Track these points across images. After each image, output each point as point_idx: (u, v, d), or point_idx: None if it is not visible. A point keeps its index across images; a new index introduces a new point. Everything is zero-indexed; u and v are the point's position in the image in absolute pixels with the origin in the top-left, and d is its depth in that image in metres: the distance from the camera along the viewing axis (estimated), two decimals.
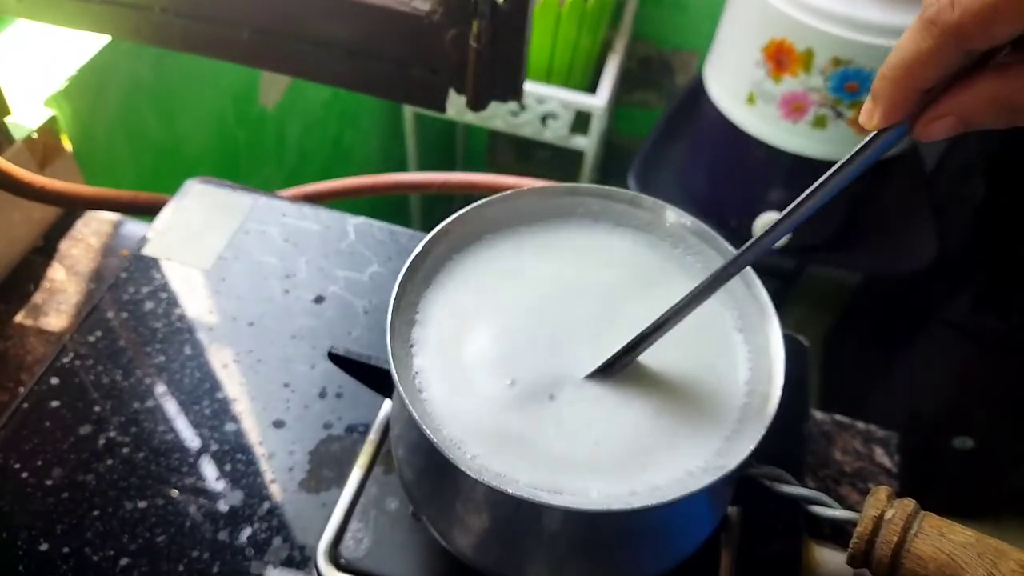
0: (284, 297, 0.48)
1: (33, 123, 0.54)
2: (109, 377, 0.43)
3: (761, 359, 0.31)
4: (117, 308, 0.46)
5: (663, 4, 1.22)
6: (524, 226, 0.35)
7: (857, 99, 0.83)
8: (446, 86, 0.43)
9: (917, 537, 0.25)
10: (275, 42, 0.44)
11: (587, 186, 0.35)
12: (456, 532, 0.31)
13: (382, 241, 0.51)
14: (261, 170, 0.90)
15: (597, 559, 0.30)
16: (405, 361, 0.31)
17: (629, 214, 0.35)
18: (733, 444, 0.29)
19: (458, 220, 0.34)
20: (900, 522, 0.25)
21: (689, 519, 0.31)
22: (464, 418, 0.29)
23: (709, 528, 0.32)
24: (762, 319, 0.31)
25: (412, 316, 0.32)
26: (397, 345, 0.30)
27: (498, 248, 0.35)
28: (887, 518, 0.25)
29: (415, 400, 0.29)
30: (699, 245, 0.34)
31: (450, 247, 0.34)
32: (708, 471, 0.28)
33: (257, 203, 0.52)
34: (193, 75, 0.72)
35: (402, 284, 0.32)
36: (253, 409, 0.43)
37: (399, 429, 0.34)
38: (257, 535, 0.38)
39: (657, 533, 0.31)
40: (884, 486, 0.27)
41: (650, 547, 0.31)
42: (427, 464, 0.31)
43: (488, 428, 0.29)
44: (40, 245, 0.56)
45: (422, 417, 0.28)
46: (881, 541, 0.25)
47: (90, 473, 0.39)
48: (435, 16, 0.39)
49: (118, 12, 0.44)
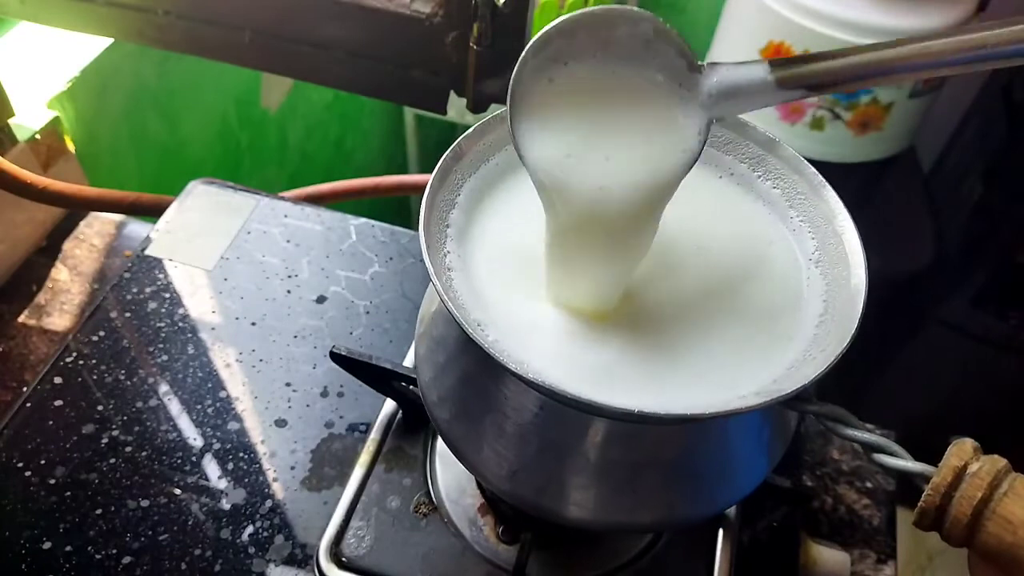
0: (286, 297, 0.48)
1: (36, 124, 0.54)
2: (112, 376, 0.44)
3: (838, 293, 0.27)
4: (120, 308, 0.47)
5: (661, 6, 1.22)
6: None
7: (855, 101, 0.83)
8: (447, 88, 0.43)
9: (1007, 496, 0.21)
10: (277, 44, 0.44)
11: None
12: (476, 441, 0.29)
13: (383, 242, 0.52)
14: (263, 171, 0.91)
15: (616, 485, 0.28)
16: (439, 239, 0.27)
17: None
18: (794, 374, 0.26)
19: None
20: (987, 477, 0.22)
21: (740, 449, 0.29)
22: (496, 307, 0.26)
23: (761, 471, 0.29)
24: (843, 253, 0.28)
25: (453, 198, 0.29)
26: (432, 220, 0.27)
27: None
28: (971, 471, 0.22)
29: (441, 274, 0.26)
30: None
31: (504, 136, 0.30)
32: (760, 395, 0.24)
33: (259, 204, 0.53)
34: (196, 77, 0.72)
35: (447, 160, 0.28)
36: (255, 408, 0.43)
37: (424, 326, 0.31)
38: (259, 533, 0.38)
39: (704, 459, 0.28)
40: (969, 438, 0.23)
41: (694, 477, 0.28)
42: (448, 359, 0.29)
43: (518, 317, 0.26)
44: (43, 245, 0.56)
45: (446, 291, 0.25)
46: (961, 496, 0.22)
47: (93, 472, 0.40)
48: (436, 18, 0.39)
49: (121, 14, 0.45)
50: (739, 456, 0.29)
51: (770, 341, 0.27)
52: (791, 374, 0.26)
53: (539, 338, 0.26)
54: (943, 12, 0.80)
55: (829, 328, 0.27)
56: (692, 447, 0.28)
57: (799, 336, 0.27)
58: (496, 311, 0.26)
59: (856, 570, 0.40)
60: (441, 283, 0.25)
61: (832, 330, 0.26)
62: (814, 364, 0.25)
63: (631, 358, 0.26)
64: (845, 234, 0.28)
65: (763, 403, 0.23)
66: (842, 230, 0.28)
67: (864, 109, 0.84)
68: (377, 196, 0.59)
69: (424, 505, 0.38)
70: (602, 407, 0.23)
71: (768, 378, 0.26)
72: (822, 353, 0.25)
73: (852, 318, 0.26)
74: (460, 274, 0.27)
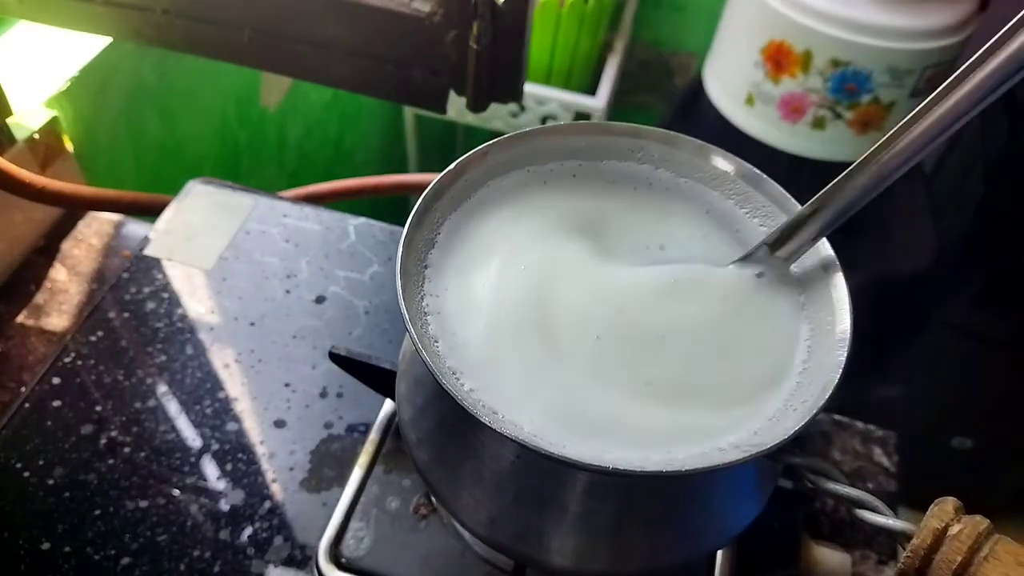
0: (285, 297, 0.48)
1: (35, 124, 0.54)
2: (111, 377, 0.43)
3: (822, 340, 0.27)
4: (119, 308, 0.47)
5: (662, 6, 1.22)
6: (573, 161, 0.32)
7: (856, 100, 0.83)
8: (446, 87, 0.43)
9: (987, 561, 0.21)
10: (276, 43, 0.44)
11: (652, 129, 0.31)
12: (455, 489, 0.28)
13: (383, 241, 0.51)
14: (262, 171, 0.90)
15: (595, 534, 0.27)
16: (416, 281, 0.27)
17: (692, 164, 0.32)
18: (775, 425, 0.25)
19: (500, 144, 0.30)
20: (968, 540, 0.21)
21: (724, 497, 0.28)
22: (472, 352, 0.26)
23: (748, 514, 0.29)
24: (829, 294, 0.27)
25: (432, 236, 0.29)
26: (410, 262, 0.27)
27: (538, 180, 0.31)
28: (952, 533, 0.22)
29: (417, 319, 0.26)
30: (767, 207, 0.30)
31: (486, 172, 0.31)
32: (741, 448, 0.24)
33: (258, 204, 0.53)
34: (195, 76, 0.72)
35: (426, 199, 0.28)
36: (254, 409, 0.43)
37: (405, 365, 0.31)
38: (258, 534, 0.38)
39: (686, 509, 0.28)
40: (951, 497, 0.23)
41: (677, 525, 0.28)
42: (426, 402, 0.29)
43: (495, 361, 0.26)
44: (42, 245, 0.56)
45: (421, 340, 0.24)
46: (941, 560, 0.22)
47: (91, 472, 0.40)
48: (435, 17, 0.39)
49: (119, 13, 0.45)
50: (723, 503, 0.28)
51: (752, 388, 0.26)
52: (772, 425, 0.25)
53: (516, 385, 0.26)
54: (943, 12, 0.80)
55: (812, 376, 0.26)
56: (674, 497, 0.27)
57: (782, 384, 0.26)
58: (472, 357, 0.26)
59: (857, 571, 0.40)
60: (416, 330, 0.25)
61: (814, 379, 0.26)
62: (795, 416, 0.25)
63: (610, 406, 0.25)
64: (833, 279, 0.28)
65: (744, 459, 0.22)
66: (830, 275, 0.28)
67: (865, 109, 0.84)
68: (376, 196, 0.59)
69: (423, 506, 0.38)
70: (576, 463, 0.22)
71: (750, 429, 0.25)
72: (803, 404, 0.25)
73: (835, 367, 0.25)
74: (436, 318, 0.27)
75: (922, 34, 0.79)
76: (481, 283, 0.28)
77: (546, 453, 0.22)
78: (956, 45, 0.82)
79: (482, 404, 0.25)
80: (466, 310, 0.27)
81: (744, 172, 0.31)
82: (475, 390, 0.25)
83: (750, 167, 0.31)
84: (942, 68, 0.83)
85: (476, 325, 0.27)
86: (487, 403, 0.25)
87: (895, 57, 0.80)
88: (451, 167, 0.29)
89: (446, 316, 0.27)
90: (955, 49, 0.82)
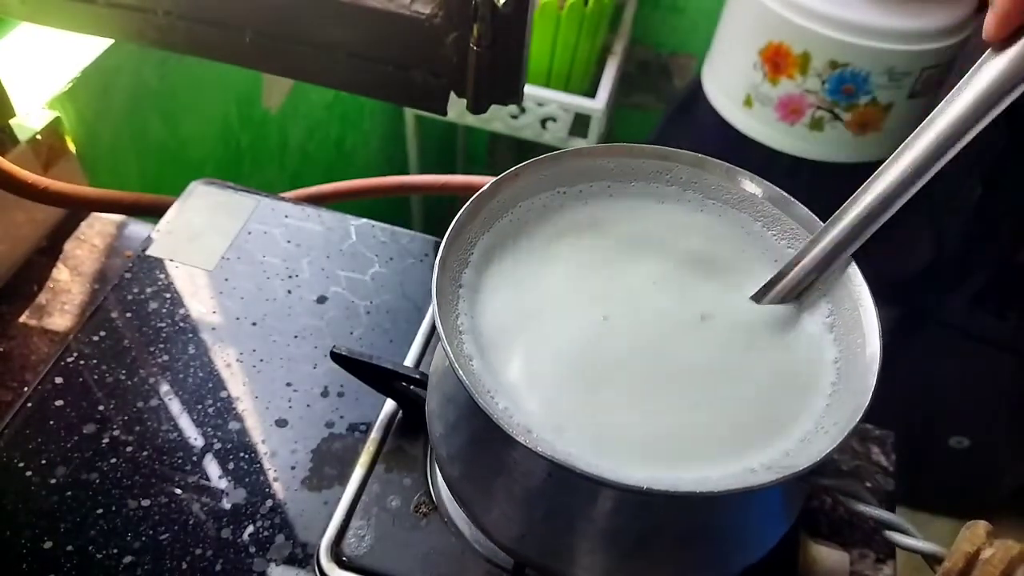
0: (287, 297, 0.48)
1: (37, 125, 0.54)
2: (113, 376, 0.44)
3: (851, 361, 0.27)
4: (121, 308, 0.47)
5: (661, 7, 1.22)
6: (603, 182, 0.32)
7: (854, 101, 0.83)
8: (447, 89, 0.43)
9: None
10: (277, 45, 0.44)
11: (681, 152, 0.32)
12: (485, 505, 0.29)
13: (384, 242, 0.52)
14: (264, 172, 0.91)
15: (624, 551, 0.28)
16: (450, 300, 0.27)
17: (720, 187, 0.32)
18: (806, 447, 0.25)
19: (531, 166, 0.31)
20: (1000, 564, 0.22)
21: (753, 518, 0.28)
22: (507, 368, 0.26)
23: (776, 534, 0.29)
24: (858, 315, 0.27)
25: (466, 256, 0.29)
26: (445, 281, 0.27)
27: (570, 201, 0.32)
28: (984, 557, 0.22)
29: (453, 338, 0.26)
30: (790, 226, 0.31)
31: (517, 193, 0.31)
32: (772, 470, 0.24)
33: (260, 204, 0.53)
34: (197, 78, 0.72)
35: (460, 220, 0.29)
36: (256, 408, 0.43)
37: (436, 379, 0.31)
38: (260, 533, 0.38)
39: (715, 528, 0.28)
40: (983, 521, 0.23)
41: (705, 545, 0.28)
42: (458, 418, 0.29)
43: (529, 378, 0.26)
44: (44, 246, 0.56)
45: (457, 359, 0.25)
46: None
47: (94, 472, 0.40)
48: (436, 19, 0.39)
49: (122, 15, 0.45)
50: (752, 524, 0.29)
51: (783, 410, 0.27)
52: (804, 447, 0.25)
53: (549, 404, 0.26)
54: (941, 13, 0.81)
55: (842, 398, 0.26)
56: (704, 517, 0.28)
57: (813, 406, 0.27)
58: (506, 375, 0.26)
59: (855, 570, 0.40)
60: (453, 349, 0.25)
61: (845, 400, 0.26)
62: (827, 438, 0.25)
63: (643, 427, 0.26)
64: (861, 300, 0.28)
65: (775, 480, 0.23)
66: (858, 296, 0.28)
67: (863, 110, 0.84)
68: (378, 196, 0.59)
69: (424, 505, 0.38)
70: (610, 483, 0.22)
71: (781, 450, 0.25)
72: (835, 426, 0.25)
73: (865, 390, 0.25)
74: (470, 336, 0.27)
75: (920, 35, 0.79)
76: (515, 303, 0.28)
77: (581, 472, 0.22)
78: (954, 46, 0.82)
79: (516, 423, 0.25)
80: (500, 330, 0.28)
81: (772, 195, 0.31)
82: (509, 408, 0.25)
83: (778, 190, 0.31)
84: (940, 69, 0.83)
85: (510, 345, 0.27)
86: (521, 422, 0.25)
87: (893, 58, 0.80)
88: (484, 189, 0.30)
89: (480, 335, 0.27)
90: (953, 50, 0.82)
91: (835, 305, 0.29)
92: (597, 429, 0.26)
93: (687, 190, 0.32)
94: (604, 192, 0.32)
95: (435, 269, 0.27)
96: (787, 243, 0.31)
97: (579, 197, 0.32)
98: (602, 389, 0.27)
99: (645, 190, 0.32)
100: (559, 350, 0.27)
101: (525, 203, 0.31)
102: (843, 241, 0.28)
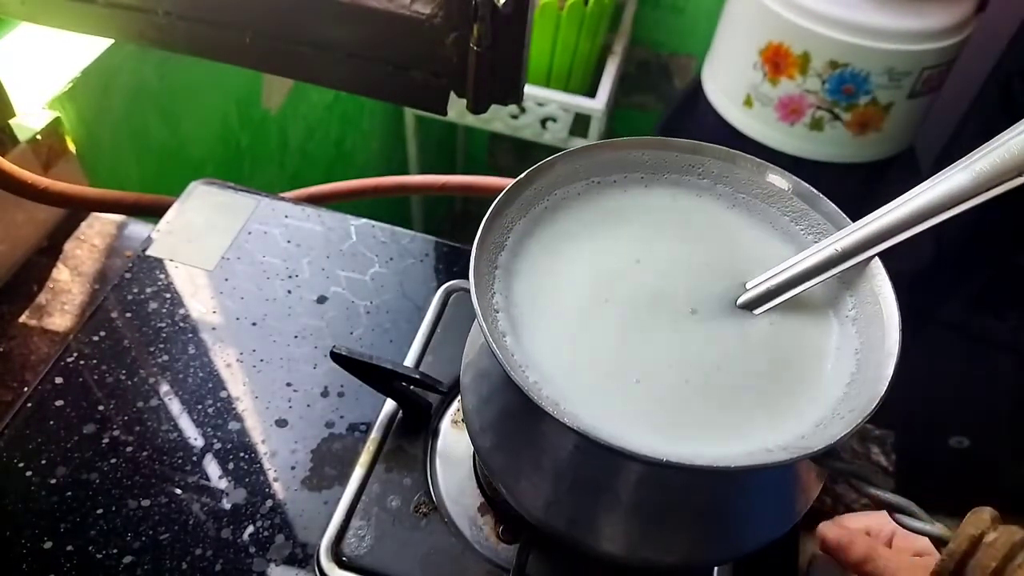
0: (287, 297, 0.48)
1: (37, 125, 0.54)
2: (113, 376, 0.44)
3: (872, 352, 0.28)
4: (121, 308, 0.47)
5: (661, 8, 1.22)
6: (636, 174, 0.33)
7: (854, 101, 0.83)
8: (447, 89, 0.43)
9: (1021, 569, 0.22)
10: (277, 45, 0.44)
11: (712, 146, 0.33)
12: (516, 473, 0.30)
13: (383, 242, 0.52)
14: (264, 172, 0.91)
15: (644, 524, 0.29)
16: (487, 279, 0.29)
17: (751, 181, 0.33)
18: (821, 431, 0.26)
19: (566, 156, 0.32)
20: (1003, 548, 0.23)
21: (768, 498, 0.29)
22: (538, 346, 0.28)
23: (790, 518, 0.30)
24: (879, 309, 0.29)
25: (503, 240, 0.31)
26: (482, 262, 0.29)
27: (605, 191, 0.33)
28: (987, 541, 0.23)
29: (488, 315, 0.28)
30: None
31: (553, 182, 0.32)
32: (788, 450, 0.25)
33: (260, 204, 0.53)
34: (197, 78, 0.72)
35: (498, 204, 0.30)
36: (256, 408, 0.43)
37: (471, 357, 0.33)
38: (260, 533, 0.38)
39: (732, 505, 0.29)
40: (988, 507, 0.24)
41: (722, 521, 0.29)
42: (491, 392, 0.30)
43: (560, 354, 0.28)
44: (44, 246, 0.56)
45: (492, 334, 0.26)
46: (976, 564, 0.23)
47: (94, 472, 0.40)
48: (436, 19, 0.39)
49: (122, 15, 0.45)
50: (767, 504, 0.29)
51: (801, 396, 0.28)
52: (819, 431, 0.26)
53: (578, 380, 0.27)
54: (941, 13, 0.81)
55: (860, 388, 0.27)
56: (722, 494, 0.29)
57: (830, 393, 0.28)
58: (538, 353, 0.28)
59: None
60: (487, 325, 0.27)
61: (862, 391, 0.27)
62: (842, 423, 0.26)
63: (667, 404, 0.27)
64: (882, 294, 0.29)
65: (790, 460, 0.24)
66: (879, 290, 0.29)
67: (863, 110, 0.84)
68: (377, 196, 0.59)
69: (424, 505, 0.38)
70: (633, 454, 0.24)
71: (797, 432, 0.26)
72: (851, 413, 0.26)
73: (882, 380, 0.26)
74: (504, 315, 0.29)
75: (920, 35, 0.79)
76: (547, 285, 0.30)
77: (605, 444, 0.24)
78: (954, 46, 0.82)
79: (546, 396, 0.26)
80: (533, 309, 0.29)
81: (800, 190, 0.32)
82: (539, 382, 0.27)
83: (806, 186, 0.32)
84: (940, 69, 0.83)
85: (542, 323, 0.29)
86: (550, 395, 0.26)
87: (893, 58, 0.80)
88: (521, 177, 0.31)
89: (514, 314, 0.29)
90: (953, 50, 0.82)
91: (857, 298, 0.30)
92: (624, 406, 0.27)
93: (718, 184, 0.33)
94: (639, 183, 0.34)
95: (473, 250, 0.28)
96: (814, 237, 0.32)
97: (613, 186, 0.33)
98: (627, 369, 0.28)
99: (678, 182, 0.34)
100: (593, 332, 0.29)
101: (560, 191, 0.33)
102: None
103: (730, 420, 0.27)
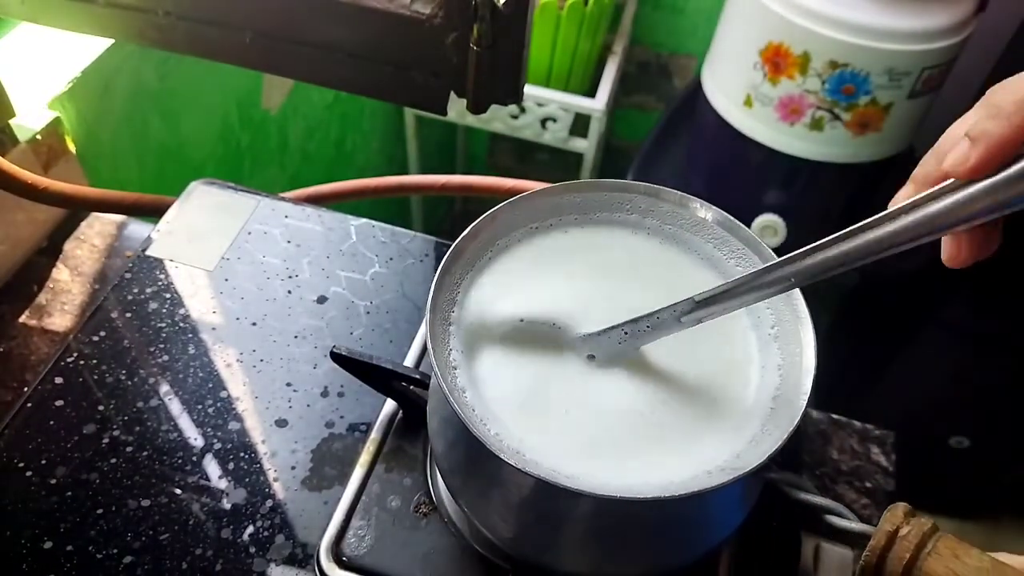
0: (287, 297, 0.48)
1: (37, 125, 0.54)
2: (113, 376, 0.44)
3: (792, 368, 0.30)
4: (121, 308, 0.47)
5: (661, 8, 1.22)
6: (570, 215, 0.36)
7: (854, 101, 0.83)
8: (447, 89, 0.43)
9: (931, 556, 0.25)
10: (277, 45, 0.44)
11: (637, 184, 0.35)
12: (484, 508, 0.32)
13: (383, 242, 0.52)
14: (264, 172, 0.91)
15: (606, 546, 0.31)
16: (443, 338, 0.31)
17: (675, 213, 0.35)
18: (754, 448, 0.29)
19: (506, 207, 0.34)
20: (915, 540, 0.25)
21: (716, 507, 0.32)
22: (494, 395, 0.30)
23: (738, 517, 0.32)
24: (797, 327, 0.31)
25: (453, 296, 0.33)
26: (436, 321, 0.31)
27: (541, 237, 0.35)
28: (901, 534, 0.26)
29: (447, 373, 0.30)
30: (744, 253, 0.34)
31: (495, 233, 0.34)
32: (726, 471, 0.28)
33: (260, 205, 0.53)
34: (197, 78, 0.72)
35: (446, 263, 0.32)
36: (256, 408, 0.43)
37: (435, 402, 0.35)
38: (260, 533, 0.38)
39: (683, 520, 0.31)
40: (903, 503, 0.27)
41: (676, 533, 0.31)
42: (456, 438, 0.32)
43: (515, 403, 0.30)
44: (44, 246, 0.56)
45: (451, 391, 0.28)
46: (893, 557, 0.25)
47: (94, 472, 0.40)
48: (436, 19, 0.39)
49: (122, 15, 0.45)
50: (716, 512, 0.32)
51: (734, 414, 0.30)
52: (752, 448, 0.29)
53: (532, 419, 0.30)
54: (941, 13, 0.81)
55: (784, 403, 0.30)
56: (672, 512, 0.31)
57: (758, 411, 0.30)
58: (495, 401, 0.30)
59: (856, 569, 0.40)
60: (447, 383, 0.29)
61: (786, 406, 0.29)
62: (771, 439, 0.28)
63: (614, 434, 0.30)
64: (801, 319, 0.31)
65: (729, 481, 0.26)
66: (799, 314, 0.31)
67: (863, 110, 0.84)
68: (378, 197, 0.59)
69: (424, 505, 0.38)
70: (589, 494, 0.26)
71: (733, 452, 0.29)
72: (777, 429, 0.29)
73: (802, 394, 0.28)
74: (463, 370, 0.31)
75: (920, 35, 0.79)
76: (497, 335, 0.32)
77: (564, 487, 0.26)
78: (954, 46, 0.82)
79: (507, 446, 0.28)
80: (488, 361, 0.31)
81: (720, 220, 0.34)
82: (500, 434, 0.29)
83: (726, 215, 0.34)
84: (940, 69, 0.83)
85: (496, 373, 0.31)
86: (511, 444, 0.29)
87: (893, 58, 0.80)
88: (466, 232, 0.33)
89: (471, 368, 0.31)
90: (953, 50, 0.82)
91: (777, 316, 0.32)
92: (578, 450, 0.29)
93: (646, 217, 0.36)
94: (573, 224, 0.36)
95: (427, 312, 0.30)
96: (735, 262, 0.34)
97: (549, 231, 0.36)
98: (580, 419, 0.30)
99: (610, 220, 0.36)
100: (536, 375, 0.31)
101: (501, 241, 0.35)
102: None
103: (671, 447, 0.29)
